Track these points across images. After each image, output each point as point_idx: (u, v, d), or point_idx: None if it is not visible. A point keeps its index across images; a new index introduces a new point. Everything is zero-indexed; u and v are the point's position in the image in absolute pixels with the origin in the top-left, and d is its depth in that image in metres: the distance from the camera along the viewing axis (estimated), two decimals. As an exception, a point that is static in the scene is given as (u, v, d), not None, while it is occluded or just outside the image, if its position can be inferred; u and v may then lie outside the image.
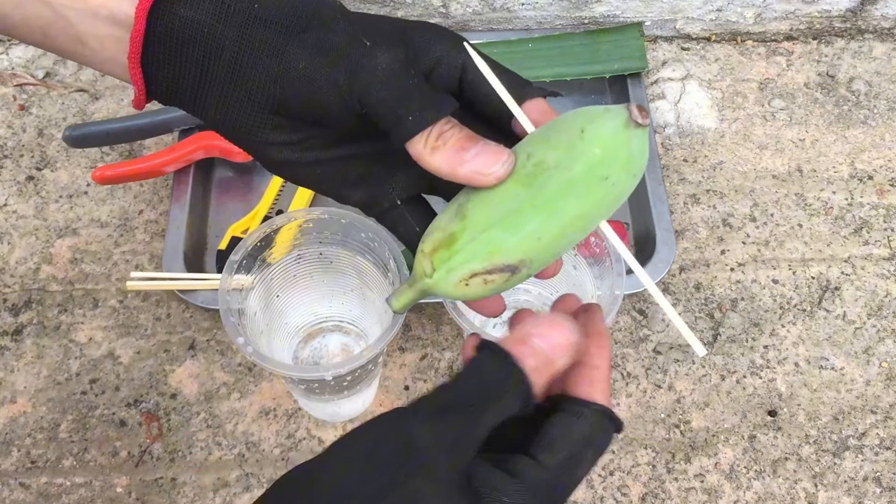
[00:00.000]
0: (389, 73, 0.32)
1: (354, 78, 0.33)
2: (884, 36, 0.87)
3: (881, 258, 0.73)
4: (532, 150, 0.33)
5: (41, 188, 0.76)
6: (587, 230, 0.33)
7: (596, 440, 0.32)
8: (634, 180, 0.33)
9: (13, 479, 0.62)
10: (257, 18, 0.33)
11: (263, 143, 0.35)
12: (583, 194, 0.32)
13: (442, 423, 0.29)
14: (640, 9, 0.84)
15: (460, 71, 0.35)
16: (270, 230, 0.54)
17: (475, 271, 0.34)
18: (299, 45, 0.33)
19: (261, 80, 0.34)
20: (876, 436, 0.65)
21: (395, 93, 0.32)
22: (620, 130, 0.31)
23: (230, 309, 0.51)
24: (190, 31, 0.33)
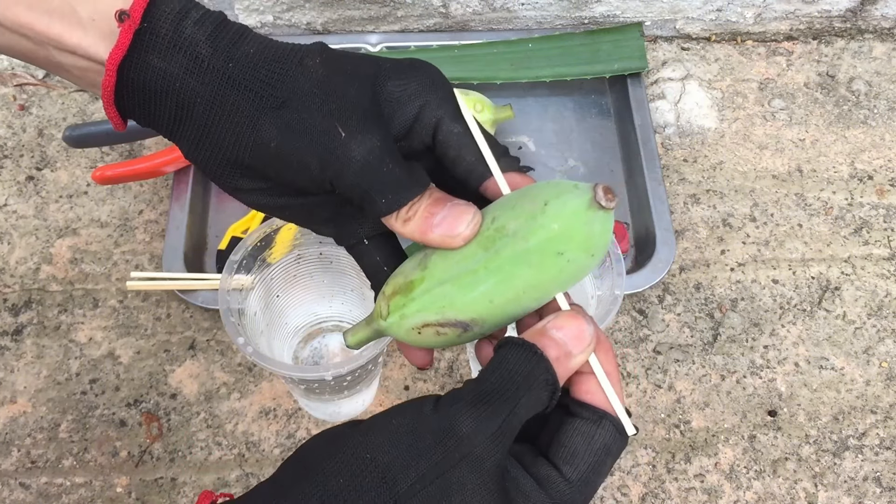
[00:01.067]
0: (364, 165, 0.32)
1: (327, 165, 0.33)
2: (884, 36, 0.87)
3: (881, 258, 0.73)
4: (497, 215, 0.33)
5: (41, 188, 0.76)
6: (542, 300, 0.34)
7: (616, 450, 0.32)
8: (592, 260, 0.33)
9: (13, 479, 0.62)
10: (231, 80, 0.33)
11: (232, 187, 0.36)
12: (536, 266, 0.32)
13: (483, 411, 0.30)
14: (640, 9, 0.84)
15: (434, 128, 0.35)
16: (270, 230, 0.55)
17: (427, 322, 0.34)
18: (272, 121, 0.33)
19: (229, 143, 0.33)
20: (876, 436, 0.65)
21: (369, 183, 0.33)
22: (582, 210, 0.31)
23: (230, 309, 0.51)
24: (162, 83, 0.33)
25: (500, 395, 0.30)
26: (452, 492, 0.29)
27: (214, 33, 0.33)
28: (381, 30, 0.85)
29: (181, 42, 0.32)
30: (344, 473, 0.29)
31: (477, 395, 0.30)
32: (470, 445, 0.29)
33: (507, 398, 0.30)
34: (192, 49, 0.32)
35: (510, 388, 0.30)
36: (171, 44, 0.32)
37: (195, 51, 0.32)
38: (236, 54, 0.33)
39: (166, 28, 0.32)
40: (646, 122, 0.77)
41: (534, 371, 0.31)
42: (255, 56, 0.33)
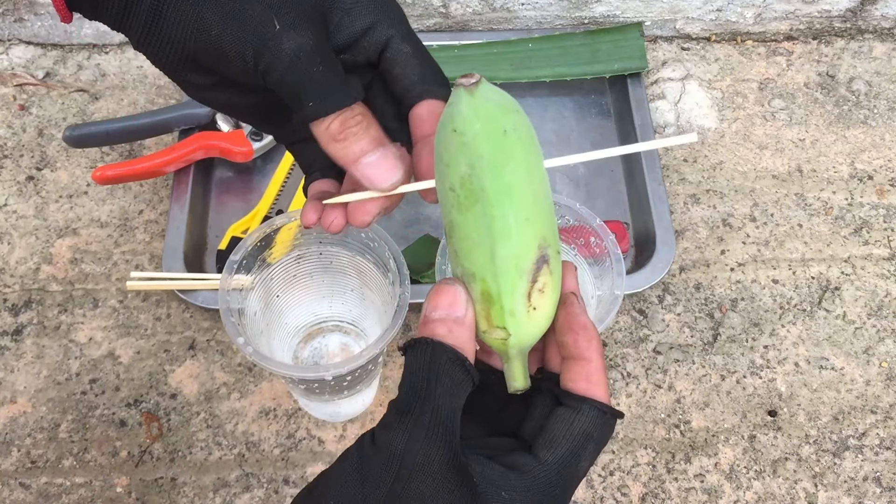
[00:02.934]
0: (293, 59, 0.33)
1: (260, 57, 0.33)
2: (884, 36, 0.87)
3: (881, 258, 0.73)
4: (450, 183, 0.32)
5: (41, 188, 0.76)
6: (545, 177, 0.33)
7: (596, 434, 0.32)
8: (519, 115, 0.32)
9: (13, 479, 0.62)
10: None
11: (182, 81, 0.36)
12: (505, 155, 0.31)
13: (407, 421, 0.30)
14: (640, 9, 0.84)
15: (382, 46, 0.35)
16: (270, 230, 0.54)
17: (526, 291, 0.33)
18: (214, 9, 0.33)
19: (176, 34, 0.34)
20: (876, 436, 0.65)
21: (295, 79, 0.33)
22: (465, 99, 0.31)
23: (230, 309, 0.51)
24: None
25: (415, 399, 0.30)
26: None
27: None
28: (381, 30, 0.85)
29: None
30: None
31: (398, 411, 0.30)
32: (411, 458, 0.29)
33: (423, 397, 0.30)
34: None
35: (420, 386, 0.30)
36: None
37: None
38: None
39: None
40: (646, 122, 0.77)
41: (432, 359, 0.31)
42: None
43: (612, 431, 0.33)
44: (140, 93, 0.82)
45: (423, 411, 0.30)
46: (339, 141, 0.33)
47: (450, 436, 0.30)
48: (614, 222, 0.72)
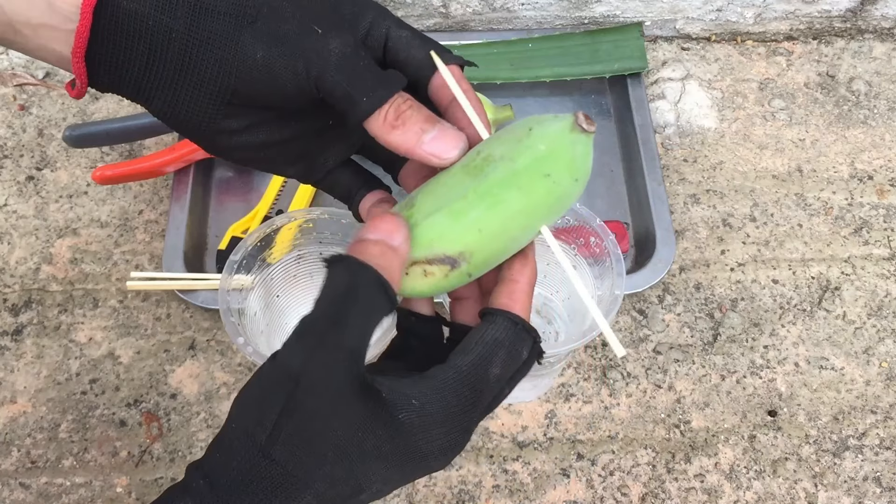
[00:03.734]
0: (342, 58, 0.33)
1: (311, 64, 0.33)
2: (884, 36, 0.87)
3: (881, 258, 0.73)
4: (482, 148, 0.34)
5: (41, 188, 0.76)
6: (528, 230, 0.34)
7: (508, 344, 0.33)
8: (576, 185, 0.33)
9: (13, 479, 0.62)
10: (204, 9, 0.33)
11: (213, 132, 0.36)
12: (525, 187, 0.32)
13: (309, 341, 0.30)
14: (640, 9, 0.84)
15: (384, 39, 0.36)
16: (270, 230, 0.55)
17: (415, 259, 0.34)
18: (253, 35, 0.33)
19: (214, 72, 0.34)
20: (876, 436, 0.65)
21: (348, 76, 0.33)
22: (566, 132, 0.33)
23: (230, 309, 0.51)
24: (135, 25, 0.33)
25: (324, 319, 0.30)
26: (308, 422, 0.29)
27: None
28: (381, 30, 0.85)
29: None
30: (219, 448, 0.30)
31: (303, 330, 0.30)
32: (307, 377, 0.29)
33: (333, 319, 0.30)
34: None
35: (334, 307, 0.30)
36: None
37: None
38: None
39: None
40: (646, 122, 0.77)
41: (353, 280, 0.31)
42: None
43: (527, 346, 0.33)
44: (140, 93, 0.82)
45: (328, 331, 0.30)
46: (398, 127, 0.33)
47: (354, 356, 0.30)
48: (614, 222, 0.72)
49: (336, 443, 0.29)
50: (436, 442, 0.31)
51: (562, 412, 0.65)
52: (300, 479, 0.29)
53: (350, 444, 0.30)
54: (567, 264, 0.35)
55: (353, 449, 0.30)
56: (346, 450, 0.30)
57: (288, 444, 0.29)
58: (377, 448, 0.30)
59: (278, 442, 0.29)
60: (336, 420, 0.29)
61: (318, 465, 0.29)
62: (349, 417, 0.30)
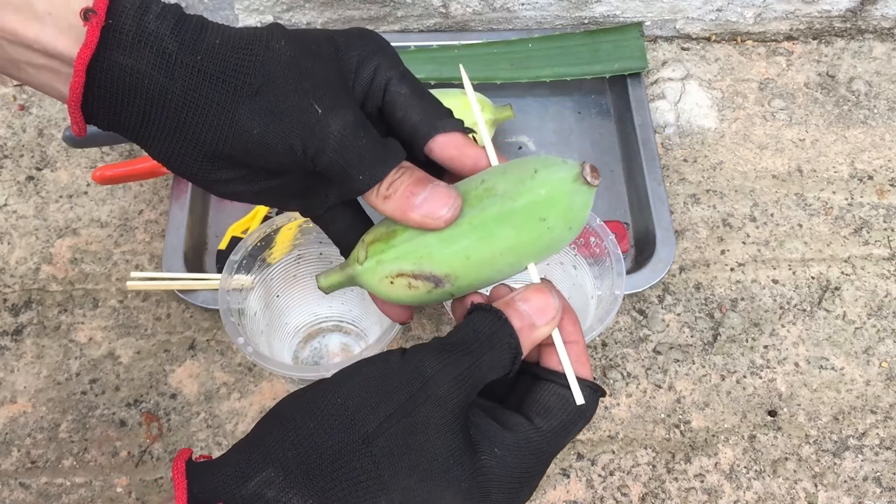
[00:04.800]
0: (341, 139, 0.33)
1: (308, 144, 0.33)
2: (884, 36, 0.87)
3: (881, 258, 0.73)
4: (487, 178, 0.35)
5: (41, 188, 0.76)
6: (515, 266, 0.35)
7: (589, 413, 0.34)
8: (569, 233, 0.34)
9: (13, 479, 0.62)
10: (202, 73, 0.32)
11: (209, 181, 0.36)
12: (519, 227, 0.33)
13: (447, 358, 0.31)
14: (640, 9, 0.84)
15: (383, 91, 0.35)
16: (270, 230, 0.55)
17: (402, 271, 0.35)
18: (251, 109, 0.33)
19: (208, 136, 0.33)
20: (876, 436, 0.65)
21: (346, 157, 0.33)
22: (569, 181, 0.33)
23: (230, 309, 0.51)
24: (131, 81, 0.32)
25: (464, 347, 0.32)
26: (417, 430, 0.30)
27: (177, 26, 0.32)
28: (381, 30, 0.85)
29: (146, 37, 0.32)
30: (315, 418, 0.30)
31: (442, 345, 0.32)
32: (434, 386, 0.30)
33: (471, 351, 0.32)
34: (158, 44, 0.32)
35: (474, 343, 0.32)
36: (136, 40, 0.32)
37: (161, 46, 0.32)
38: (203, 46, 0.32)
39: (129, 24, 0.31)
40: (646, 122, 0.77)
41: (497, 332, 0.32)
42: (222, 46, 0.33)
43: (596, 407, 0.35)
44: (140, 93, 0.82)
45: (464, 359, 0.31)
46: (389, 197, 0.34)
47: (471, 391, 0.31)
48: (614, 222, 0.72)
49: (429, 461, 0.30)
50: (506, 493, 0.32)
51: (562, 412, 0.65)
52: (385, 481, 0.29)
53: (440, 469, 0.30)
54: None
55: (441, 474, 0.30)
56: (434, 472, 0.30)
57: (391, 443, 0.30)
58: (458, 481, 0.31)
59: (384, 435, 0.30)
60: (439, 439, 0.30)
61: (405, 474, 0.30)
62: (449, 441, 0.30)
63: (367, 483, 0.29)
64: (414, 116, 0.35)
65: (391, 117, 0.36)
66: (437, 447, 0.30)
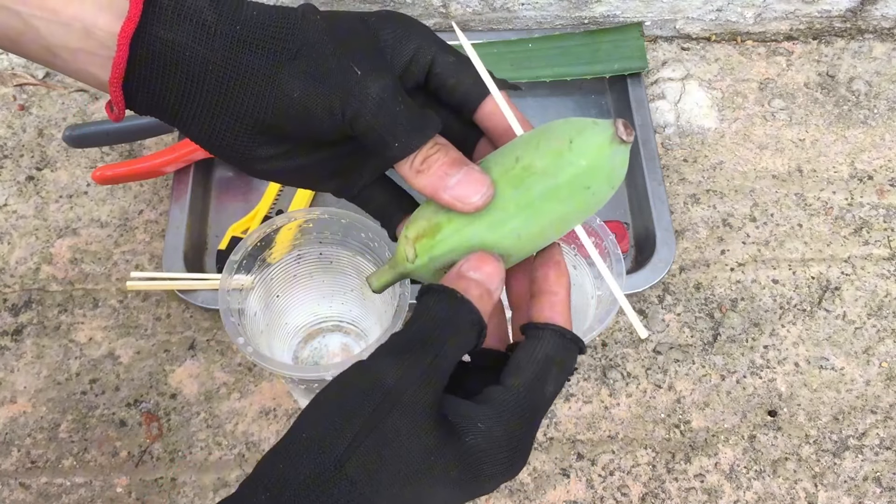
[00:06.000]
0: (379, 102, 0.33)
1: (347, 106, 0.33)
2: (884, 36, 0.87)
3: (881, 258, 0.73)
4: (521, 154, 0.34)
5: (41, 188, 0.76)
6: (563, 232, 0.35)
7: (558, 357, 0.33)
8: (612, 191, 0.35)
9: (13, 479, 0.62)
10: (242, 42, 0.33)
11: (250, 158, 0.36)
12: (565, 200, 0.33)
13: (407, 359, 0.30)
14: (640, 9, 0.84)
15: (429, 65, 0.36)
16: (270, 230, 0.55)
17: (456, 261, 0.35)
18: (291, 73, 0.33)
19: (250, 105, 0.33)
20: (876, 436, 0.65)
21: (383, 120, 0.33)
22: (606, 145, 0.33)
23: (230, 309, 0.51)
24: (171, 55, 0.32)
25: (423, 342, 0.31)
26: (388, 441, 0.29)
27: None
28: (381, 30, 0.85)
29: (185, 10, 0.32)
30: (284, 459, 0.30)
31: (401, 346, 0.31)
32: (398, 394, 0.30)
33: (432, 343, 0.31)
34: (198, 16, 0.32)
35: (434, 331, 0.31)
36: (175, 13, 0.32)
37: (200, 18, 0.32)
38: (241, 17, 0.33)
39: None
40: (646, 122, 0.77)
41: (458, 312, 0.32)
42: (260, 17, 0.33)
43: (574, 357, 0.34)
44: (140, 93, 0.82)
45: (425, 355, 0.30)
46: (423, 171, 0.34)
47: (440, 384, 0.31)
48: (614, 222, 0.72)
49: (409, 466, 0.29)
50: (500, 465, 0.31)
51: (562, 412, 0.65)
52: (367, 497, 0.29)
53: (421, 469, 0.30)
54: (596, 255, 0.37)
55: (424, 474, 0.30)
56: (416, 474, 0.29)
57: (363, 461, 0.29)
58: (445, 473, 0.30)
59: (354, 455, 0.29)
60: (414, 443, 0.29)
61: (388, 485, 0.29)
62: (424, 442, 0.30)
63: None
64: (466, 80, 0.36)
65: (443, 86, 0.36)
66: (412, 451, 0.29)
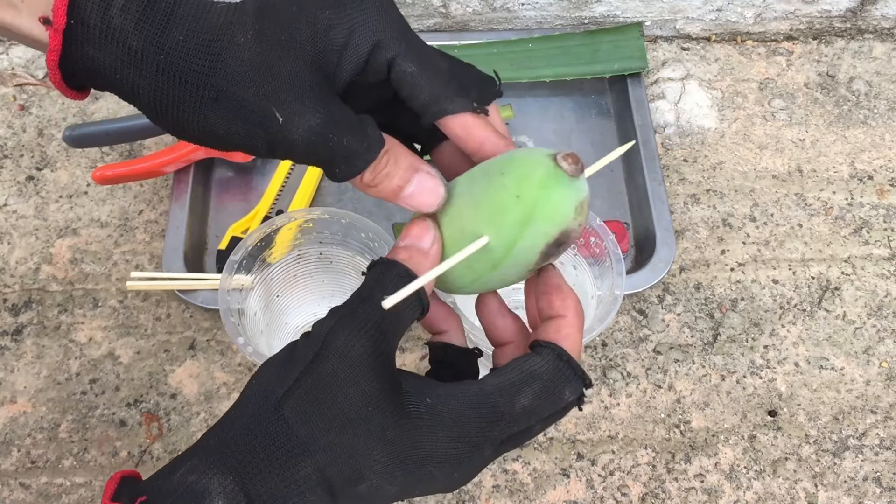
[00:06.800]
0: (307, 145, 0.32)
1: (275, 147, 0.33)
2: (884, 36, 0.87)
3: (881, 258, 0.73)
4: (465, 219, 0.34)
5: (41, 188, 0.76)
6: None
7: (547, 377, 0.32)
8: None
9: (13, 479, 0.62)
10: (168, 73, 0.32)
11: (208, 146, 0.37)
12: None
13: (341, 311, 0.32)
14: (640, 9, 0.84)
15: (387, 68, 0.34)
16: (270, 230, 0.55)
17: None
18: (215, 112, 0.33)
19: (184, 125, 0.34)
20: (876, 436, 0.65)
21: (315, 158, 0.33)
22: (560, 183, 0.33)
23: (230, 309, 0.51)
24: (104, 73, 0.32)
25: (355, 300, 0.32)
26: (326, 384, 0.30)
27: (141, 20, 0.32)
28: (381, 30, 0.85)
29: (111, 33, 0.32)
30: (235, 408, 0.32)
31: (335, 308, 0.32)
32: (333, 339, 0.31)
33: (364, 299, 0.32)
34: (123, 41, 0.32)
35: (365, 291, 0.32)
36: (102, 35, 0.32)
37: (126, 42, 0.32)
38: (167, 44, 0.32)
39: (94, 19, 0.31)
40: (646, 122, 0.77)
41: (385, 272, 0.33)
42: (186, 43, 0.32)
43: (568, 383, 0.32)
44: (140, 93, 0.82)
45: (357, 308, 0.31)
46: (375, 186, 0.34)
47: (378, 333, 0.31)
48: (614, 222, 0.72)
49: (345, 411, 0.30)
50: (440, 446, 0.30)
51: (562, 412, 0.65)
52: (303, 442, 0.29)
53: (358, 417, 0.30)
54: None
55: (360, 423, 0.30)
56: (352, 421, 0.30)
57: (300, 402, 0.30)
58: (382, 430, 0.30)
59: (291, 398, 0.30)
60: (350, 388, 0.30)
61: (323, 430, 0.30)
62: (363, 388, 0.30)
63: (285, 447, 0.29)
64: (421, 97, 0.34)
65: (399, 93, 0.35)
66: (350, 397, 0.30)
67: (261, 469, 0.29)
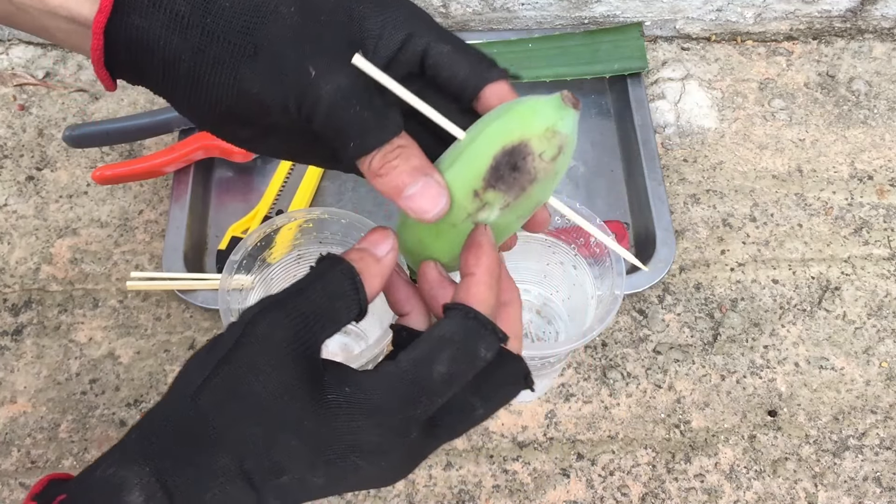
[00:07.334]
0: (332, 103, 0.33)
1: (302, 105, 0.33)
2: (884, 36, 0.87)
3: (881, 258, 0.73)
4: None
5: (41, 188, 0.76)
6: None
7: (457, 338, 0.31)
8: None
9: (13, 479, 0.62)
10: (211, 34, 0.33)
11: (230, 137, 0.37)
12: None
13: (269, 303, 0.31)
14: (640, 9, 0.84)
15: (421, 56, 0.35)
16: (270, 230, 0.55)
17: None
18: (251, 69, 0.33)
19: (217, 94, 0.34)
20: (876, 436, 0.65)
21: (335, 121, 0.33)
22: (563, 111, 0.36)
23: (230, 309, 0.51)
24: (147, 41, 0.34)
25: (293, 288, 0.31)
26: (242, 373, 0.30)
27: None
28: (381, 30, 0.85)
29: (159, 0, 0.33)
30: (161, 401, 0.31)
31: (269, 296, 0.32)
32: (254, 327, 0.30)
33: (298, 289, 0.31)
34: (171, 6, 0.33)
35: (303, 282, 0.32)
36: (150, 2, 0.33)
37: (174, 7, 0.33)
38: (213, 8, 0.33)
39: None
40: (646, 122, 0.77)
41: (329, 269, 0.32)
42: (231, 8, 0.34)
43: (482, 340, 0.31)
44: (140, 93, 0.82)
45: (288, 298, 0.31)
46: (381, 176, 0.33)
47: (303, 324, 0.30)
48: (614, 222, 0.72)
49: (260, 401, 0.29)
50: (362, 435, 0.30)
51: (562, 412, 0.65)
52: (219, 432, 0.29)
53: (274, 406, 0.29)
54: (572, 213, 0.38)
55: (276, 412, 0.29)
56: (268, 411, 0.29)
57: (216, 392, 0.29)
58: (300, 420, 0.29)
59: (208, 387, 0.29)
60: (266, 377, 0.29)
61: (238, 419, 0.29)
62: (280, 378, 0.29)
63: (200, 437, 0.29)
64: (460, 72, 0.35)
65: (437, 77, 0.36)
66: (267, 385, 0.29)
67: (178, 460, 0.29)
